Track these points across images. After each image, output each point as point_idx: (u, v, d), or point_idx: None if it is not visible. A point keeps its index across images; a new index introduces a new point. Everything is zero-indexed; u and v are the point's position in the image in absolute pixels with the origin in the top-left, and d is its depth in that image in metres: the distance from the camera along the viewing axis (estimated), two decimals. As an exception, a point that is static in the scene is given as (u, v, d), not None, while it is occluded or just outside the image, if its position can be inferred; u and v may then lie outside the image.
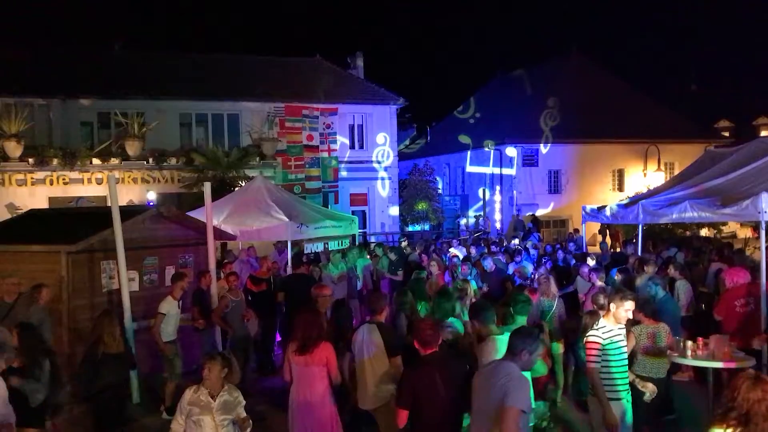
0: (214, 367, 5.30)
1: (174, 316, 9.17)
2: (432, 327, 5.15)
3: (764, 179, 9.19)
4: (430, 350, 5.02)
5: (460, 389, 4.87)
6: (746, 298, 8.24)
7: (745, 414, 3.54)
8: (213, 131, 24.39)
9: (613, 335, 5.71)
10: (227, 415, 5.28)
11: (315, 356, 5.94)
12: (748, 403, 3.55)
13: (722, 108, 43.44)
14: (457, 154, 36.74)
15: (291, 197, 15.99)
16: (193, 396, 5.32)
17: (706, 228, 23.16)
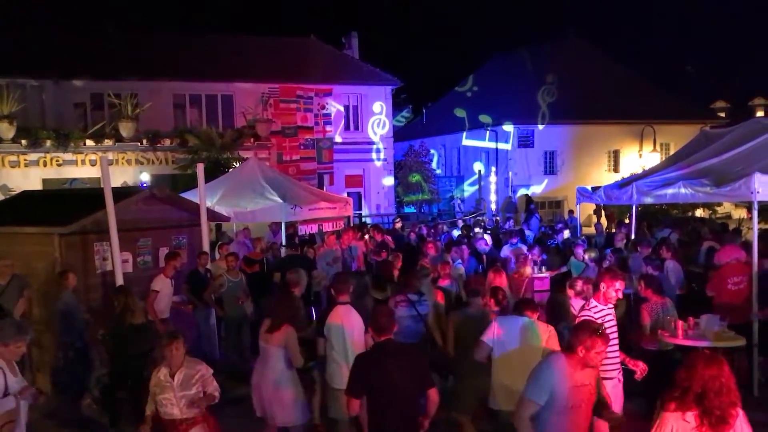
0: (179, 346, 5.37)
1: (166, 294, 9.22)
2: (387, 314, 5.05)
3: (757, 160, 9.15)
4: (385, 337, 4.89)
5: (417, 375, 4.81)
6: (740, 277, 8.28)
7: (700, 392, 3.60)
8: (207, 112, 24.30)
9: (604, 314, 5.74)
10: (187, 391, 5.32)
11: (275, 337, 6.11)
12: (704, 381, 3.61)
13: (718, 88, 43.38)
14: (452, 135, 36.63)
15: (285, 178, 15.96)
16: (155, 377, 5.41)
17: (701, 209, 23.22)
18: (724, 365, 3.71)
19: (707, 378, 3.62)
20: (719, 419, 3.60)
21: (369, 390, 4.72)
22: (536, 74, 33.08)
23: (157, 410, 5.40)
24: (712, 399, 3.59)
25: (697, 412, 3.63)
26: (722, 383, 3.63)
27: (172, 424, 5.34)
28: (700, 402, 3.61)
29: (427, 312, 7.31)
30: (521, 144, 33.01)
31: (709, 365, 3.67)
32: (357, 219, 25.47)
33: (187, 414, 5.32)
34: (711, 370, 3.64)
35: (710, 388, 3.61)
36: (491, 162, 33.90)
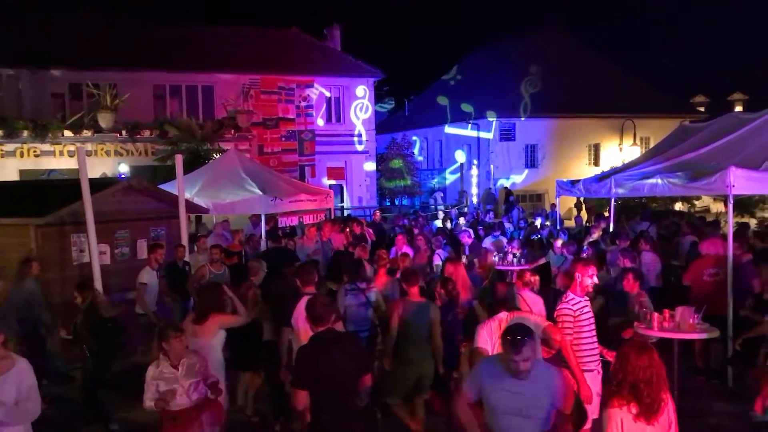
0: (180, 339, 5.41)
1: (153, 287, 9.19)
2: (323, 304, 5.06)
3: (733, 154, 9.26)
4: (323, 327, 4.91)
5: (355, 362, 4.85)
6: (716, 269, 8.38)
7: (633, 383, 3.69)
8: (187, 103, 24.11)
9: (582, 307, 5.77)
10: (193, 378, 5.40)
11: (205, 329, 6.17)
12: (635, 372, 3.70)
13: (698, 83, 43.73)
14: (434, 128, 36.67)
15: (265, 170, 15.91)
16: (155, 371, 5.39)
17: (679, 202, 23.43)
18: (654, 354, 3.81)
19: (639, 368, 3.71)
20: (651, 409, 3.70)
21: (312, 380, 4.73)
22: (518, 67, 33.13)
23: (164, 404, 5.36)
24: (643, 389, 3.69)
25: (630, 402, 3.73)
26: (653, 373, 3.73)
27: (184, 413, 5.36)
28: (633, 392, 3.70)
29: (374, 299, 7.42)
30: (503, 137, 33.10)
31: (640, 355, 3.77)
32: (339, 211, 25.45)
33: (196, 401, 5.41)
34: (642, 360, 3.74)
35: (641, 378, 3.70)
36: (473, 155, 33.97)
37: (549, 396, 4.22)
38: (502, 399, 4.22)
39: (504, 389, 4.21)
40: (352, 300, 7.12)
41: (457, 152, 34.34)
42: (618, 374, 3.78)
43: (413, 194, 33.50)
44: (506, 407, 4.22)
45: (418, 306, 6.68)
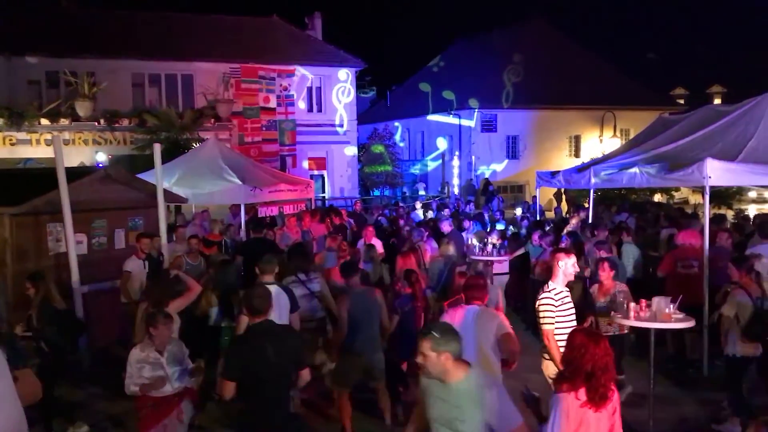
0: (168, 325, 5.45)
1: (139, 276, 9.08)
2: (260, 295, 4.97)
3: (710, 145, 9.36)
4: (259, 318, 4.84)
5: (291, 355, 4.82)
6: (690, 260, 8.47)
7: (590, 371, 3.74)
8: (167, 92, 23.88)
9: (563, 297, 5.80)
10: (178, 366, 5.43)
11: None
12: (594, 360, 3.75)
13: (678, 76, 44.15)
14: (416, 118, 36.68)
15: (245, 160, 15.81)
16: (140, 355, 5.40)
17: (658, 194, 23.63)
18: (606, 343, 3.88)
19: (597, 356, 3.76)
20: (602, 396, 3.76)
21: (243, 372, 4.67)
22: (500, 59, 33.19)
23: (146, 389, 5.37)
24: (599, 377, 3.74)
25: (585, 390, 3.76)
26: (607, 361, 3.79)
27: (165, 400, 5.38)
28: (588, 380, 3.74)
29: (318, 290, 7.43)
30: (484, 128, 33.18)
31: (598, 344, 3.81)
32: (320, 202, 25.39)
33: (177, 389, 5.42)
34: (599, 348, 3.79)
35: (599, 366, 3.75)
36: (455, 145, 34.04)
37: (479, 412, 3.73)
38: (435, 406, 3.91)
39: (436, 395, 3.89)
40: (297, 291, 7.05)
41: (439, 139, 34.39)
42: (574, 361, 3.81)
43: (395, 185, 33.50)
44: (437, 415, 3.90)
45: (361, 294, 6.73)
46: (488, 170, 32.67)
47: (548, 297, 5.74)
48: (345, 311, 6.63)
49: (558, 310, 5.69)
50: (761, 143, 9.01)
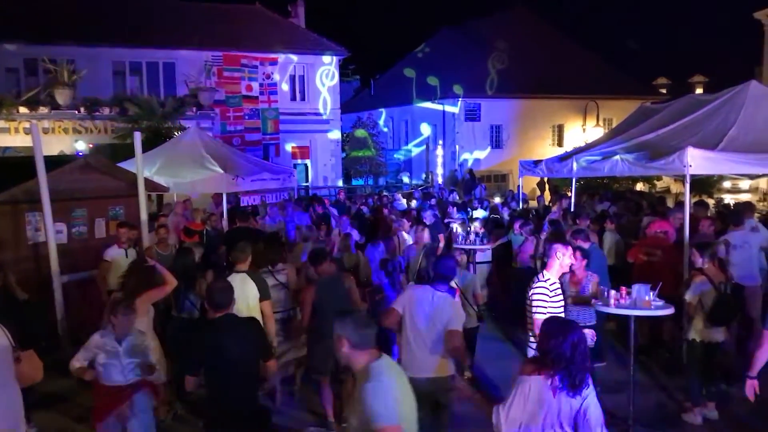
0: (130, 316, 5.38)
1: (121, 265, 8.97)
2: (221, 290, 4.96)
3: (691, 134, 9.42)
4: (221, 312, 4.83)
5: (255, 347, 4.83)
6: (656, 249, 8.53)
7: (570, 356, 3.73)
8: (148, 80, 23.66)
9: (556, 288, 5.80)
10: (134, 358, 5.35)
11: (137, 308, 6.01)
12: (574, 346, 3.75)
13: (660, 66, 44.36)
14: (400, 107, 36.62)
15: (226, 148, 15.72)
16: (100, 341, 5.38)
17: (640, 183, 23.77)
18: (581, 330, 3.90)
19: (574, 343, 3.75)
20: (581, 381, 3.76)
21: (206, 367, 4.68)
22: (485, 47, 33.17)
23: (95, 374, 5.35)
24: (579, 362, 3.74)
25: (557, 375, 3.74)
26: (585, 348, 3.80)
27: (116, 390, 5.33)
28: (566, 367, 3.73)
29: (286, 280, 7.47)
30: (468, 117, 33.18)
31: (574, 331, 3.82)
32: (303, 191, 25.32)
33: (132, 380, 5.35)
34: (575, 335, 3.79)
35: (580, 352, 3.75)
36: (438, 134, 34.03)
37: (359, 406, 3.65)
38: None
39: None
40: (269, 281, 7.02)
41: (423, 125, 34.40)
42: (557, 348, 3.77)
43: (378, 173, 33.47)
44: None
45: (330, 281, 6.72)
46: (471, 157, 32.70)
47: (543, 287, 5.71)
48: (309, 300, 6.64)
49: (551, 301, 5.69)
50: (741, 132, 9.07)
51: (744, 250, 8.62)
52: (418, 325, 5.35)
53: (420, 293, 5.49)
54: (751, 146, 8.73)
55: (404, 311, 5.43)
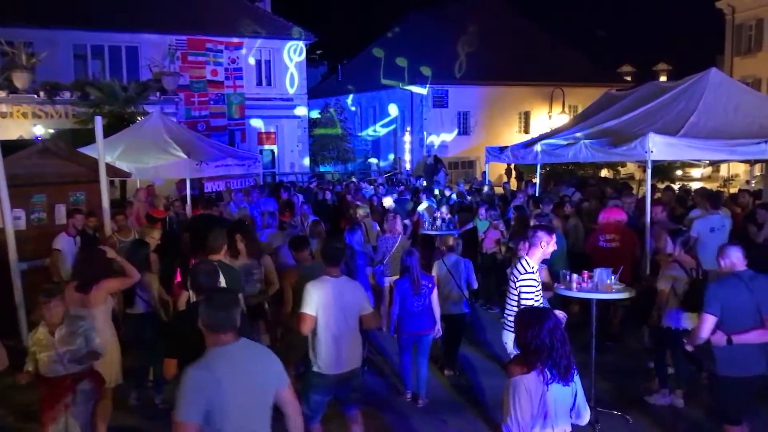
0: (57, 304, 5.24)
1: (70, 254, 8.82)
2: (207, 272, 4.85)
3: (653, 121, 9.52)
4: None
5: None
6: (612, 234, 8.60)
7: (550, 345, 3.68)
8: (110, 64, 23.23)
9: (537, 276, 5.83)
10: (70, 347, 5.21)
11: (94, 297, 5.89)
12: (550, 334, 3.69)
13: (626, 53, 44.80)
14: (368, 93, 36.51)
15: (190, 133, 15.50)
16: (34, 337, 5.30)
17: (605, 169, 24.05)
18: (555, 315, 3.87)
19: (551, 329, 3.70)
20: (567, 368, 3.70)
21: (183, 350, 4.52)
22: (451, 33, 33.17)
23: (39, 369, 5.24)
24: (558, 349, 3.67)
25: (544, 368, 3.66)
26: (562, 332, 3.75)
27: (58, 380, 5.22)
28: (549, 355, 3.66)
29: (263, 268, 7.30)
30: (436, 104, 33.22)
31: (548, 317, 3.76)
32: (270, 177, 25.14)
33: (72, 369, 5.23)
34: (551, 321, 3.73)
35: (557, 338, 3.69)
36: (406, 121, 34.02)
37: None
38: None
39: None
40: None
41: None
42: (534, 340, 3.69)
43: (346, 160, 33.37)
44: None
45: (310, 269, 6.48)
46: (438, 140, 32.77)
47: (531, 277, 5.68)
48: (290, 287, 6.49)
49: (537, 288, 5.71)
50: (701, 118, 9.19)
51: (721, 232, 8.77)
52: (334, 321, 5.23)
53: (324, 288, 5.27)
54: (711, 133, 8.86)
55: (317, 312, 5.23)
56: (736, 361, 5.09)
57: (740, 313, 5.06)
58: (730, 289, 5.10)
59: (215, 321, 3.55)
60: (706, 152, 8.94)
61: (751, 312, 5.07)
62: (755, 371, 5.16)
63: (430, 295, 7.00)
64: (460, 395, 7.40)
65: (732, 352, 5.06)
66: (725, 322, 5.06)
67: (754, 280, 5.14)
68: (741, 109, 9.50)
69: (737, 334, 5.03)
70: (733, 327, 5.06)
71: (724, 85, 10.04)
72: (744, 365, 5.11)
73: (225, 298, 3.72)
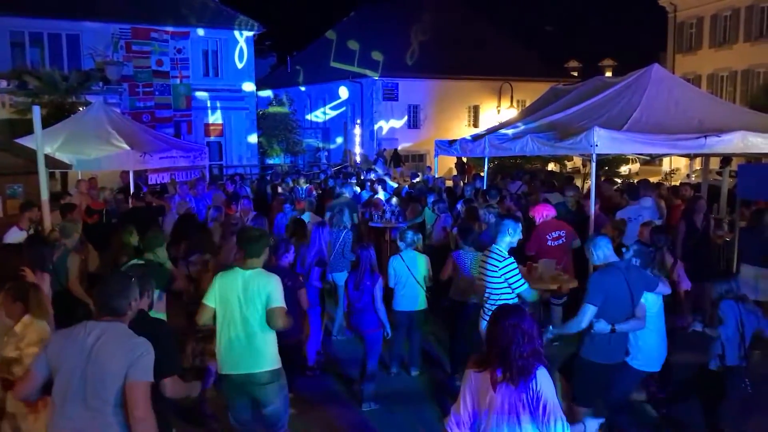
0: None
1: None
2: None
3: (598, 115, 9.67)
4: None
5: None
6: (558, 232, 8.40)
7: (505, 345, 3.52)
8: (50, 53, 22.41)
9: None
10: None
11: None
12: (506, 333, 3.54)
13: (572, 49, 45.65)
14: (318, 86, 36.28)
15: (133, 124, 15.14)
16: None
17: (552, 163, 24.42)
18: (524, 314, 3.63)
19: (508, 328, 3.51)
20: (521, 369, 3.45)
21: None
22: (400, 26, 33.19)
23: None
24: (513, 350, 3.46)
25: (497, 368, 3.50)
26: (523, 332, 3.50)
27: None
28: (505, 355, 3.48)
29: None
30: (386, 97, 33.22)
31: (508, 316, 3.59)
32: (216, 170, 24.76)
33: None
34: (511, 319, 3.55)
35: (513, 339, 3.48)
36: (357, 114, 33.93)
37: None
38: None
39: None
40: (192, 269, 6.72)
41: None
42: (492, 339, 3.57)
43: (295, 152, 33.12)
44: None
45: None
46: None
47: (510, 260, 5.86)
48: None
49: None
50: (644, 113, 9.38)
51: (637, 223, 8.82)
52: (235, 314, 4.90)
53: (227, 280, 4.99)
54: (653, 127, 9.05)
55: (216, 304, 4.95)
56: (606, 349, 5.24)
57: (618, 303, 5.17)
58: (610, 279, 5.16)
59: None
60: (649, 146, 9.09)
61: (627, 301, 5.20)
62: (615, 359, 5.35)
63: (371, 292, 6.77)
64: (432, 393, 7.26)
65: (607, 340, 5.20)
66: (606, 311, 5.15)
67: (629, 271, 5.27)
68: (682, 105, 9.73)
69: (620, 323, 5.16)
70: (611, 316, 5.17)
71: (666, 81, 10.27)
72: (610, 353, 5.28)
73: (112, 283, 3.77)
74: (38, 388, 3.64)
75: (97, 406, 3.46)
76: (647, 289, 5.34)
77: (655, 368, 5.66)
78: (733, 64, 31.15)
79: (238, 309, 4.84)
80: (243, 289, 4.86)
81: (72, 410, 3.47)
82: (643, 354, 5.46)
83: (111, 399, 3.48)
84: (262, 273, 4.95)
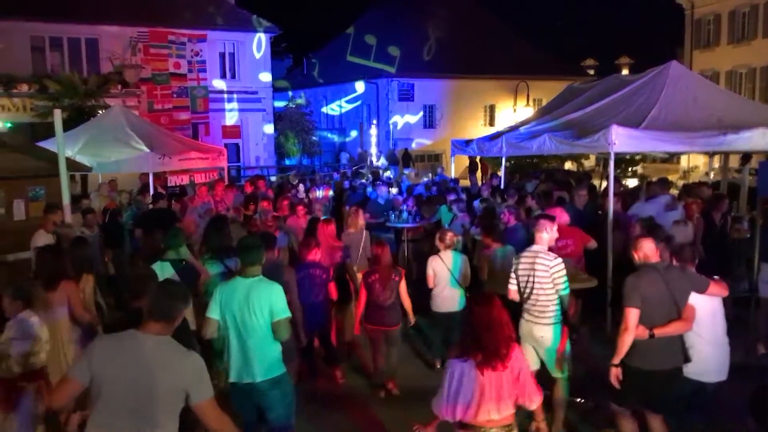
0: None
1: None
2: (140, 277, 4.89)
3: (616, 113, 9.63)
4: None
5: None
6: (565, 240, 8.26)
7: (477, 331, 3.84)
8: (70, 57, 22.69)
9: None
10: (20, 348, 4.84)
11: (54, 297, 5.67)
12: (478, 319, 3.86)
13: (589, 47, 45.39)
14: (334, 86, 36.34)
15: (152, 127, 15.28)
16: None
17: (569, 162, 24.33)
18: (494, 302, 3.94)
19: (479, 314, 3.85)
20: (492, 353, 3.80)
21: None
22: (415, 27, 33.17)
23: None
24: (483, 334, 3.80)
25: (476, 353, 3.82)
26: (492, 318, 3.85)
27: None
28: (478, 340, 3.81)
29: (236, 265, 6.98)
30: (402, 97, 33.23)
31: (479, 303, 3.92)
32: (234, 171, 24.90)
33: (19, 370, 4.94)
34: (482, 307, 3.88)
35: (482, 325, 3.82)
36: (372, 115, 33.98)
37: None
38: None
39: None
40: (212, 270, 6.67)
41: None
42: (467, 326, 3.91)
43: (312, 153, 33.23)
44: None
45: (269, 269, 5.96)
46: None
47: (562, 262, 5.83)
48: None
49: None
50: (662, 111, 9.33)
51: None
52: (237, 324, 4.90)
53: (228, 290, 4.97)
54: (671, 125, 9.00)
55: (219, 315, 4.95)
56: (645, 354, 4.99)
57: (656, 304, 4.97)
58: (646, 280, 4.99)
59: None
60: (668, 144, 9.04)
61: (667, 304, 4.99)
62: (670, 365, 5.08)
63: (397, 288, 6.92)
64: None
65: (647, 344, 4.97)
66: (644, 313, 4.96)
67: (668, 271, 5.08)
68: (700, 102, 9.66)
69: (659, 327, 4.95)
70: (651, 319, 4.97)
71: (684, 78, 10.20)
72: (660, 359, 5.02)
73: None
74: (76, 395, 3.61)
75: (143, 418, 3.46)
76: (695, 289, 5.06)
77: (710, 379, 5.25)
78: (752, 60, 30.83)
79: (240, 318, 4.86)
80: (245, 297, 4.86)
81: (115, 420, 3.46)
82: (695, 362, 5.14)
83: (159, 413, 3.48)
84: (263, 281, 4.96)
